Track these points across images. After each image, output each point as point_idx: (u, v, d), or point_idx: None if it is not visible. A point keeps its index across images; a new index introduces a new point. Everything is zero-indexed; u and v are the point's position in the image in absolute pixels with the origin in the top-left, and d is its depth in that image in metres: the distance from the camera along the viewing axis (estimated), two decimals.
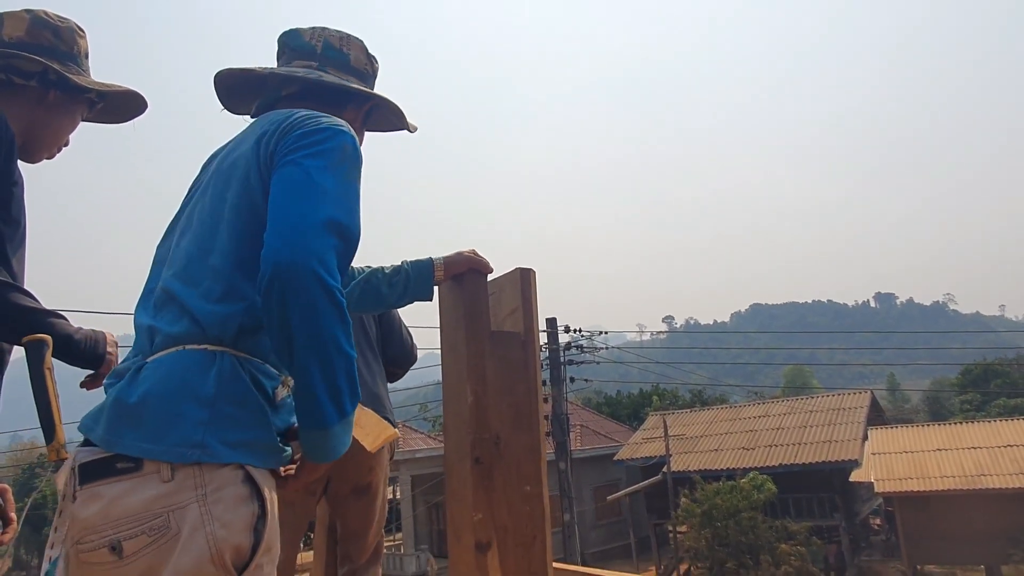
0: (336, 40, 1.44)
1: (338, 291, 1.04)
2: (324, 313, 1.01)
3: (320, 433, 1.06)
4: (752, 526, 20.13)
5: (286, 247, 1.02)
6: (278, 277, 1.00)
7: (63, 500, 1.03)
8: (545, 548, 1.53)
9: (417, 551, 26.60)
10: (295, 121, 1.19)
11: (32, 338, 1.25)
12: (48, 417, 1.25)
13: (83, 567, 0.98)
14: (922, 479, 20.76)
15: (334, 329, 1.03)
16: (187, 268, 1.13)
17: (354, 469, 2.08)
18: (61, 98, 1.53)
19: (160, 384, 1.03)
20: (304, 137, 1.15)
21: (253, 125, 1.29)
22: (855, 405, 26.50)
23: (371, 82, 1.50)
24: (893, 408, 54.79)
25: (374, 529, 2.20)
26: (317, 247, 1.03)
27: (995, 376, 45.02)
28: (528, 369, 1.59)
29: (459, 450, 1.52)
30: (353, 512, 2.16)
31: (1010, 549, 19.33)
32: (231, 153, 1.24)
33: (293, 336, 1.01)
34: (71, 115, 1.58)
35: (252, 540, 1.00)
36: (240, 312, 1.08)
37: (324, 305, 1.01)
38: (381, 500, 2.22)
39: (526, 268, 1.64)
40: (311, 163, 1.12)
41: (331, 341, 1.03)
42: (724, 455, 25.96)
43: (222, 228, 1.14)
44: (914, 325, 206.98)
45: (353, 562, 2.17)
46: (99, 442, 1.01)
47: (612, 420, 38.70)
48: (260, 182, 1.15)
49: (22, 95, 1.47)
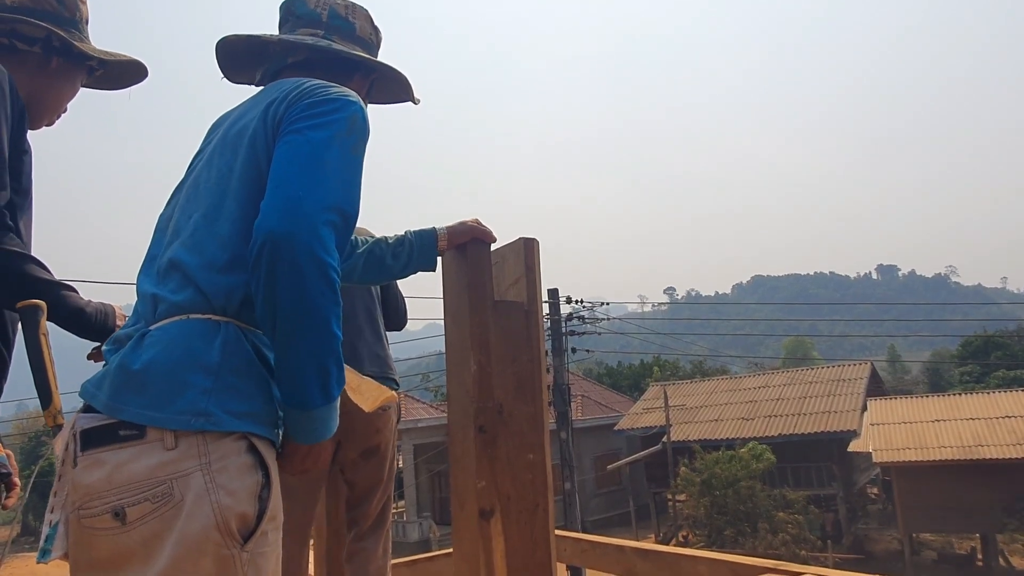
0: (342, 9, 1.42)
1: (332, 268, 1.01)
2: (313, 288, 0.99)
3: (303, 414, 1.05)
4: (750, 495, 20.37)
5: (281, 217, 1.00)
6: (269, 246, 0.98)
7: (62, 465, 1.03)
8: (547, 515, 1.55)
9: (420, 518, 26.97)
10: (304, 90, 1.17)
11: (27, 303, 1.24)
12: (44, 383, 1.24)
13: (84, 532, 0.98)
14: (920, 449, 20.93)
15: (324, 306, 1.00)
16: (192, 236, 1.12)
17: (362, 432, 2.08)
18: (63, 65, 1.51)
19: (165, 352, 1.02)
20: (312, 107, 1.13)
21: (261, 93, 1.27)
22: (855, 376, 26.62)
23: (375, 52, 1.48)
24: (893, 380, 54.99)
25: (381, 491, 2.20)
26: (314, 221, 1.01)
27: (995, 348, 45.07)
28: (531, 339, 1.59)
29: (463, 419, 1.53)
30: (362, 475, 2.15)
31: (1005, 518, 19.56)
32: (238, 120, 1.22)
33: (278, 309, 0.99)
34: (72, 81, 1.57)
35: (257, 509, 1.00)
36: (245, 283, 1.08)
37: (314, 280, 0.99)
38: (390, 462, 2.21)
39: (529, 238, 1.64)
40: (316, 135, 1.09)
41: (319, 317, 1.00)
42: (724, 425, 26.15)
43: (228, 197, 1.13)
44: (916, 297, 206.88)
45: (360, 525, 2.17)
46: (102, 408, 1.01)
47: (613, 391, 38.94)
48: (266, 151, 1.13)
49: (25, 61, 1.46)
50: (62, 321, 1.37)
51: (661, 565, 3.45)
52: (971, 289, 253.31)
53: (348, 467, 2.14)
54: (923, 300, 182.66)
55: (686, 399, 29.02)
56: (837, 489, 23.64)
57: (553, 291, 17.14)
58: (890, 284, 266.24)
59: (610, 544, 3.86)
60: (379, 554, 2.16)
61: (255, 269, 1.01)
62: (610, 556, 3.80)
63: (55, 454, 1.07)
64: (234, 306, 1.07)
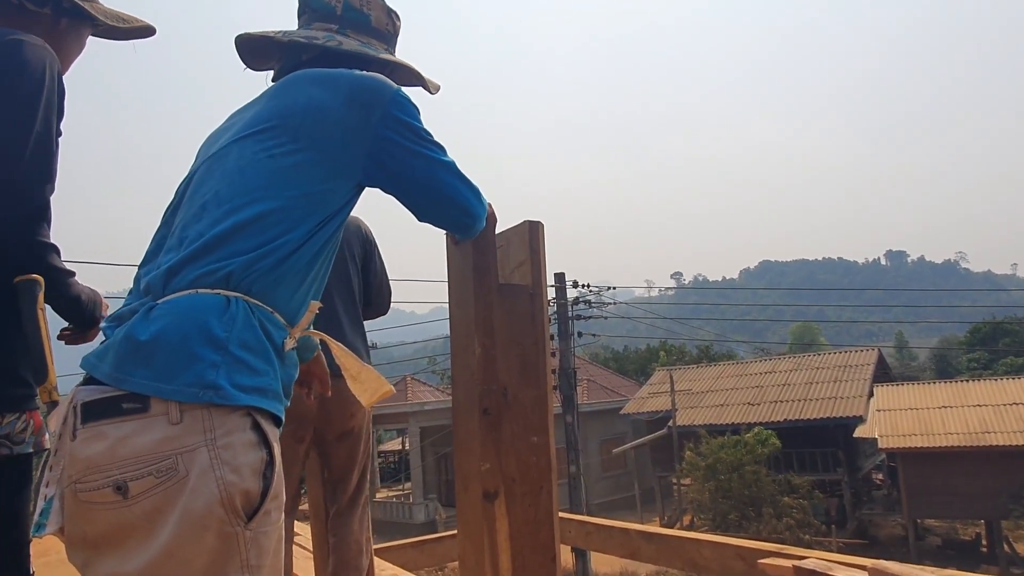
0: (356, 0, 1.41)
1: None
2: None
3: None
4: (755, 479, 20.45)
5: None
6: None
7: (59, 439, 1.02)
8: (551, 498, 1.55)
9: (426, 500, 27.20)
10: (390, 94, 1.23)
11: (25, 278, 1.24)
12: (40, 358, 1.24)
13: (82, 506, 0.97)
14: (926, 436, 20.93)
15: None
16: (205, 215, 1.11)
17: (339, 415, 2.25)
18: (72, 24, 1.50)
19: (174, 324, 1.01)
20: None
21: (281, 84, 1.27)
22: (862, 362, 26.57)
23: (393, 41, 1.47)
24: (900, 366, 54.88)
25: (357, 470, 2.37)
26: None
27: (1004, 335, 44.88)
28: (536, 322, 1.59)
29: (467, 401, 1.53)
30: (337, 456, 2.33)
31: (1010, 505, 19.57)
32: (282, 101, 1.21)
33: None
34: (80, 40, 1.55)
35: (261, 486, 1.00)
36: (254, 260, 1.07)
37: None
38: (364, 443, 2.39)
39: (534, 221, 1.63)
40: (435, 154, 1.24)
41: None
42: (730, 410, 26.20)
43: (255, 178, 1.13)
44: (925, 283, 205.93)
45: (340, 501, 2.35)
46: (105, 379, 1.00)
47: (619, 375, 39.03)
48: (351, 148, 1.18)
49: (34, 22, 1.44)
50: (63, 309, 1.38)
51: (665, 548, 3.47)
52: (981, 275, 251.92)
53: (325, 448, 2.32)
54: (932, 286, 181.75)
55: (692, 384, 29.06)
56: (842, 475, 23.68)
57: (560, 275, 17.13)
58: (899, 270, 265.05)
59: (615, 527, 3.89)
60: (356, 527, 2.34)
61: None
62: (615, 539, 3.82)
63: (50, 430, 1.06)
64: (245, 283, 1.07)
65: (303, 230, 1.13)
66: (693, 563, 3.29)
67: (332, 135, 1.17)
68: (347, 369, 1.31)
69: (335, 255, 1.28)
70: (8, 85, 1.27)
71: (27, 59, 1.30)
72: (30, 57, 1.30)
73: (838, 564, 2.46)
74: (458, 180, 1.28)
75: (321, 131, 1.17)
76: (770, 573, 2.61)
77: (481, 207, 1.36)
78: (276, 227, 1.11)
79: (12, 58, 1.29)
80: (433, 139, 1.26)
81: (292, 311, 1.16)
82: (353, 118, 1.18)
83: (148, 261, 1.17)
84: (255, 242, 1.09)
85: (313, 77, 1.23)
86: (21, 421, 1.28)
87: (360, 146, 1.19)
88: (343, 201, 1.22)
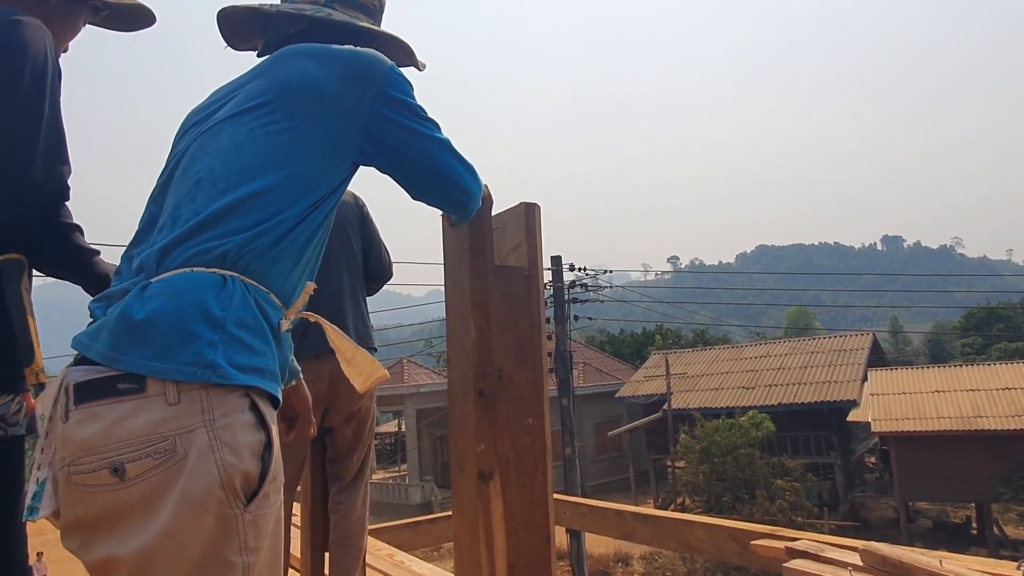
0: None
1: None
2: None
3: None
4: (749, 462, 20.58)
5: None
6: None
7: (50, 422, 1.00)
8: (546, 479, 1.56)
9: (422, 481, 27.36)
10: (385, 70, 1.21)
11: (8, 257, 1.22)
12: (26, 339, 1.22)
13: (76, 489, 0.95)
14: (919, 420, 21.09)
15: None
16: (200, 193, 1.10)
17: (347, 397, 2.29)
18: (64, 3, 1.46)
19: (170, 302, 0.99)
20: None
21: (267, 61, 1.24)
22: (856, 347, 26.70)
23: (378, 17, 1.45)
24: (894, 350, 55.13)
25: (361, 449, 2.42)
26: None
27: (998, 320, 45.07)
28: (531, 304, 1.58)
29: (463, 383, 1.53)
30: (344, 436, 2.37)
31: (1001, 488, 19.77)
32: (276, 76, 1.18)
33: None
34: (74, 21, 1.51)
35: (260, 468, 0.99)
36: (251, 239, 1.06)
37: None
38: (369, 424, 2.43)
39: (531, 203, 1.62)
40: (430, 131, 1.23)
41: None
42: (724, 394, 26.34)
43: (250, 156, 1.11)
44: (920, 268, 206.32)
45: (342, 480, 2.40)
46: (99, 358, 0.98)
47: (615, 358, 39.15)
48: (346, 123, 1.16)
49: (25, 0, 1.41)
50: (92, 288, 1.37)
51: (659, 529, 3.50)
52: (976, 261, 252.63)
53: (333, 429, 2.36)
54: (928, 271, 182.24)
55: (687, 367, 29.18)
56: (835, 458, 23.88)
57: (556, 258, 17.11)
58: (895, 255, 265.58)
59: (609, 508, 3.92)
60: (359, 504, 2.40)
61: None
62: (609, 520, 3.86)
63: (39, 413, 1.03)
64: (241, 262, 1.06)
65: (299, 209, 1.12)
66: (687, 544, 3.33)
67: (327, 112, 1.15)
68: (342, 352, 1.29)
69: (331, 236, 1.27)
70: (13, 69, 1.24)
71: (28, 40, 1.27)
72: (31, 38, 1.27)
73: (830, 546, 2.49)
74: (453, 158, 1.27)
75: (316, 108, 1.15)
76: (763, 554, 2.64)
77: (476, 185, 1.34)
78: (272, 206, 1.09)
79: (12, 39, 1.26)
80: (428, 116, 1.24)
81: (287, 292, 1.14)
82: (348, 95, 1.16)
83: (139, 240, 1.15)
84: (251, 220, 1.07)
85: (307, 51, 1.20)
86: (15, 403, 1.27)
87: (355, 123, 1.17)
88: (339, 180, 1.20)
